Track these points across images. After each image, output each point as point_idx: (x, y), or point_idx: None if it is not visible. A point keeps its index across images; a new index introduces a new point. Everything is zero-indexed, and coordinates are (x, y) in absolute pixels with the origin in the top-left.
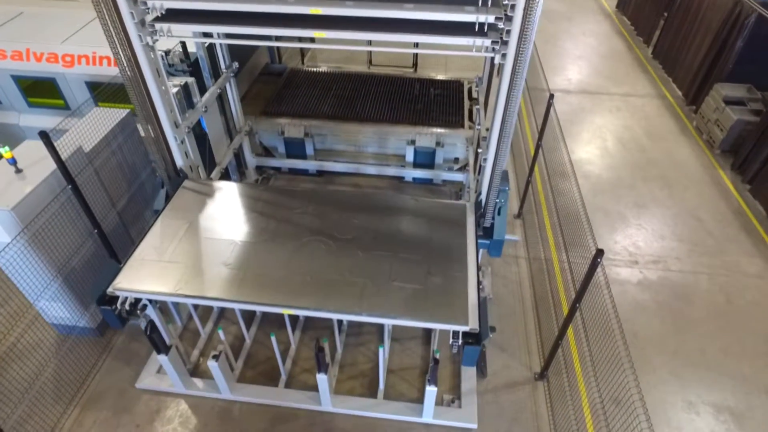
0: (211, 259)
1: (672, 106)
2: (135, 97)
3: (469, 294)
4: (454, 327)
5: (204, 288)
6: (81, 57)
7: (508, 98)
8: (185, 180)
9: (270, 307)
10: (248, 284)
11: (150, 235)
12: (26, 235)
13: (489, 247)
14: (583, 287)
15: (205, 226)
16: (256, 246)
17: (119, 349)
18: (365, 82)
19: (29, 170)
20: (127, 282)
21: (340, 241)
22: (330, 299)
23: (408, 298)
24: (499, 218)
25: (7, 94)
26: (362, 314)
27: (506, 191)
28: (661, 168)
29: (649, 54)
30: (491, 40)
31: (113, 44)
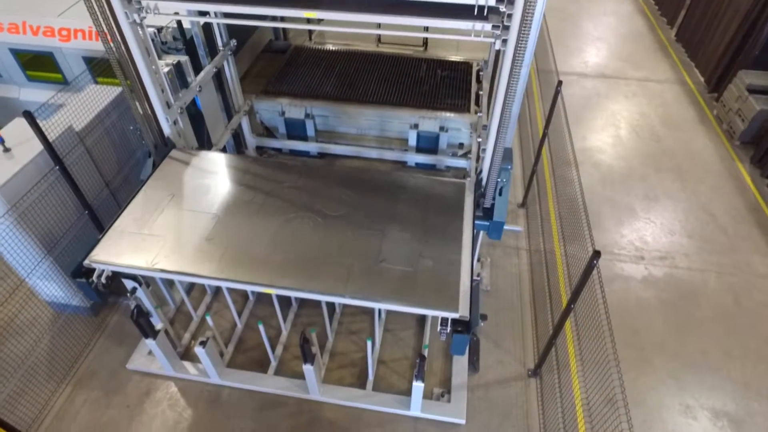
0: (192, 233)
1: (692, 92)
2: (122, 78)
3: (461, 279)
4: (442, 313)
5: (182, 263)
6: (77, 31)
7: (508, 88)
8: (173, 149)
9: (249, 285)
10: (228, 261)
11: (131, 206)
12: (14, 214)
13: (488, 229)
14: (579, 288)
15: (189, 198)
16: (239, 220)
17: (113, 328)
18: (371, 61)
19: (17, 149)
20: (105, 254)
21: (329, 218)
22: (313, 280)
23: (396, 281)
24: (500, 199)
25: (6, 67)
26: (346, 296)
27: (509, 170)
28: (675, 159)
29: (672, 36)
30: (492, 24)
31: (97, 21)
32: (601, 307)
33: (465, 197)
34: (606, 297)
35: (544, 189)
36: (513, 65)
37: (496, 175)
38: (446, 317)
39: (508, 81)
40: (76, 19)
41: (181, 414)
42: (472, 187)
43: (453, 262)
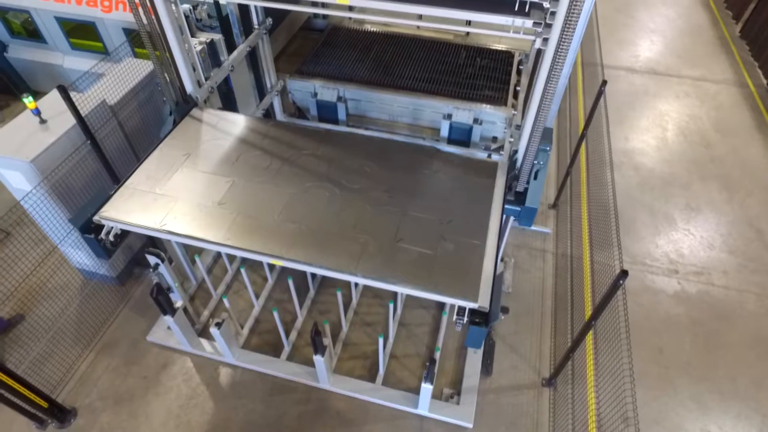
0: (204, 196)
1: (752, 95)
2: (154, 56)
3: (484, 266)
4: (460, 302)
5: (190, 227)
6: (119, 2)
7: (545, 88)
8: (194, 108)
9: (256, 254)
10: (238, 228)
11: (146, 164)
12: (47, 185)
13: (519, 215)
14: (601, 306)
15: (205, 158)
16: (254, 186)
17: (137, 299)
18: (408, 45)
19: (53, 121)
20: (115, 211)
21: (347, 190)
22: (324, 254)
23: (413, 263)
24: (534, 183)
25: (51, 35)
26: (357, 275)
27: (547, 152)
28: (725, 167)
29: (737, 32)
30: (533, 21)
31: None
32: (622, 327)
33: (497, 178)
34: (628, 315)
35: (578, 191)
36: (553, 67)
37: (532, 156)
38: (464, 306)
39: (546, 82)
40: None
41: (195, 390)
42: (505, 168)
43: (476, 247)
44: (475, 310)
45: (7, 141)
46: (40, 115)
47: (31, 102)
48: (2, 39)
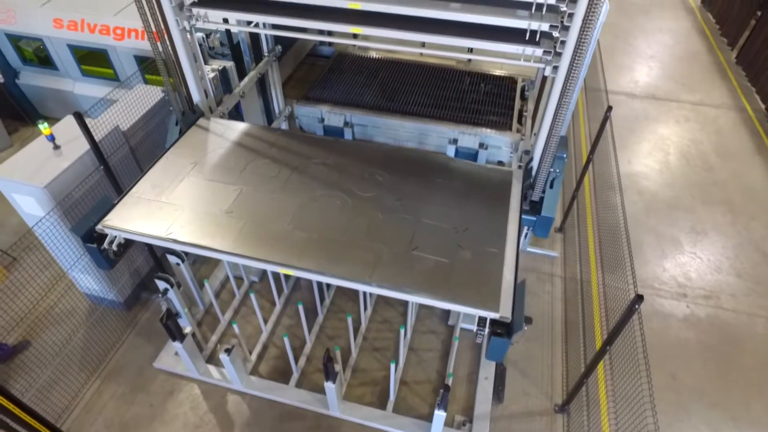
0: (211, 205)
1: (751, 120)
2: (168, 83)
3: (504, 275)
4: (480, 312)
5: (197, 235)
6: (131, 31)
7: (555, 118)
8: (200, 118)
9: (265, 263)
10: (247, 236)
11: (151, 173)
12: (60, 210)
13: (534, 225)
14: (616, 331)
15: (212, 167)
16: (263, 195)
17: (143, 325)
18: (413, 71)
19: (66, 147)
20: (119, 220)
21: (359, 198)
22: (337, 263)
23: (429, 272)
24: (550, 192)
25: (63, 62)
26: (372, 284)
27: (564, 159)
28: (727, 191)
29: (733, 58)
30: (543, 50)
31: (148, 27)
32: (640, 352)
33: (512, 187)
34: (645, 342)
35: (584, 214)
36: (563, 94)
37: (548, 164)
38: (484, 317)
39: (556, 110)
40: (130, 18)
41: (202, 418)
42: (520, 176)
43: (495, 256)
44: (497, 320)
45: (22, 166)
46: (54, 141)
47: (46, 128)
48: (14, 66)
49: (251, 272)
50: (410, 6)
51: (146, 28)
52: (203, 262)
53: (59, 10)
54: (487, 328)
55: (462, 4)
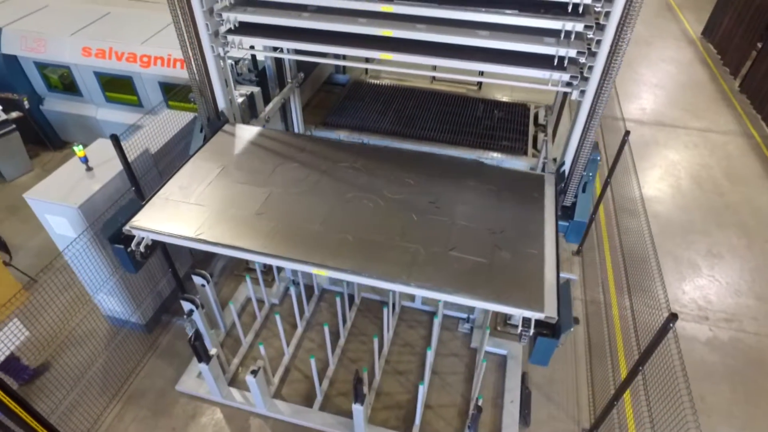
0: (240, 207)
1: (759, 146)
2: (202, 106)
3: (545, 276)
4: (525, 312)
5: (228, 236)
6: (157, 58)
7: (582, 138)
8: (225, 124)
9: (301, 264)
10: (279, 237)
11: (178, 176)
12: (90, 232)
13: (567, 230)
14: (649, 351)
15: (240, 171)
16: (293, 197)
17: (164, 348)
18: (427, 99)
19: (98, 169)
20: (146, 221)
21: (391, 200)
22: (373, 263)
23: (469, 272)
24: (583, 196)
25: (88, 88)
26: (410, 284)
27: (597, 161)
28: (740, 214)
29: (736, 87)
30: (570, 75)
31: (186, 53)
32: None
33: (545, 190)
34: (683, 361)
35: (601, 236)
36: (590, 116)
37: (582, 167)
38: (529, 317)
39: (584, 132)
40: (156, 47)
41: None
42: (552, 180)
43: (534, 257)
44: (542, 321)
45: (55, 188)
46: (87, 163)
47: (81, 150)
48: (39, 92)
49: (272, 295)
50: (444, 34)
51: (184, 54)
52: (224, 286)
53: (88, 39)
54: (532, 329)
55: (490, 31)
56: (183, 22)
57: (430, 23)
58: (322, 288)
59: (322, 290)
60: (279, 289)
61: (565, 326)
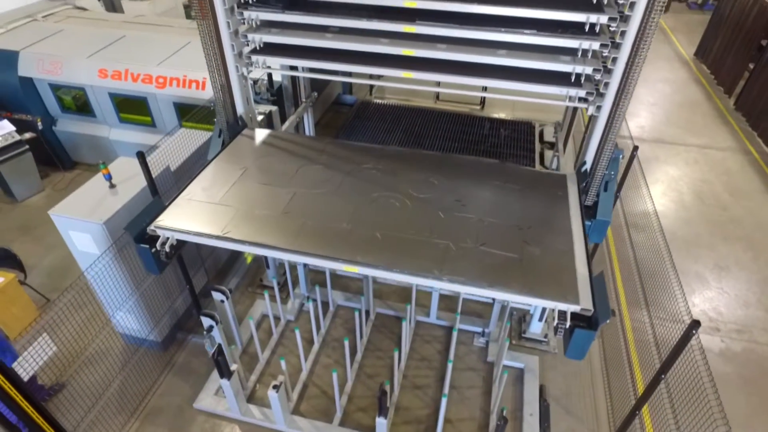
0: (266, 206)
1: (757, 162)
2: (225, 123)
3: (577, 269)
4: (560, 305)
5: (256, 234)
6: (173, 79)
7: (600, 151)
8: (245, 129)
9: (331, 261)
10: (307, 234)
11: (200, 178)
12: (114, 249)
13: (590, 229)
14: (672, 358)
15: (262, 173)
16: (317, 197)
17: (180, 365)
18: (434, 118)
19: (121, 186)
20: (171, 221)
21: (416, 200)
22: (404, 259)
23: (501, 267)
24: (605, 195)
25: (102, 109)
26: (443, 279)
27: (618, 160)
28: (744, 228)
29: (731, 105)
30: (586, 91)
31: (212, 73)
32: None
33: (568, 189)
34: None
35: (609, 250)
36: (607, 129)
37: (604, 166)
38: (564, 310)
39: (601, 144)
40: (172, 68)
41: None
42: (575, 179)
43: (565, 252)
44: (577, 314)
45: (80, 204)
46: (111, 180)
47: (105, 167)
48: (53, 113)
49: (287, 311)
50: (462, 53)
51: (210, 74)
52: (237, 303)
53: (105, 61)
54: (568, 321)
55: (508, 50)
56: (210, 43)
57: (450, 43)
58: (337, 304)
59: (337, 306)
60: (294, 305)
61: (603, 317)
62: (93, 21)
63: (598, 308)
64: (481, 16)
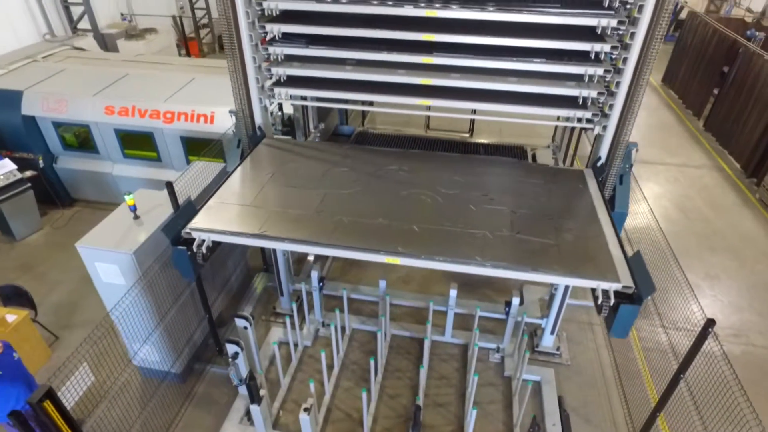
0: (299, 206)
1: (730, 177)
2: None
3: (612, 252)
4: (603, 284)
5: (293, 231)
6: (181, 114)
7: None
8: (264, 138)
9: (374, 253)
10: (345, 230)
11: (228, 184)
12: (141, 282)
13: None
14: (690, 357)
15: (290, 177)
16: (349, 197)
17: (200, 397)
18: (429, 145)
19: (145, 217)
20: (206, 223)
21: (446, 195)
22: (443, 248)
23: (539, 252)
24: (621, 188)
25: (107, 145)
26: (486, 265)
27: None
28: (727, 239)
29: (701, 126)
30: (591, 113)
31: (239, 105)
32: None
33: (588, 181)
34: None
35: None
36: (613, 148)
37: (619, 160)
38: (606, 288)
39: (609, 160)
40: (180, 103)
41: None
42: (591, 174)
43: (597, 237)
44: (619, 292)
45: (107, 235)
46: (135, 212)
47: (131, 199)
48: (53, 151)
49: (303, 337)
50: (476, 81)
51: (236, 104)
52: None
53: (111, 98)
54: (612, 299)
55: (519, 78)
56: (237, 77)
57: (463, 72)
58: (352, 328)
59: (353, 330)
60: (310, 331)
61: (647, 291)
62: (93, 60)
63: (641, 284)
64: (494, 47)
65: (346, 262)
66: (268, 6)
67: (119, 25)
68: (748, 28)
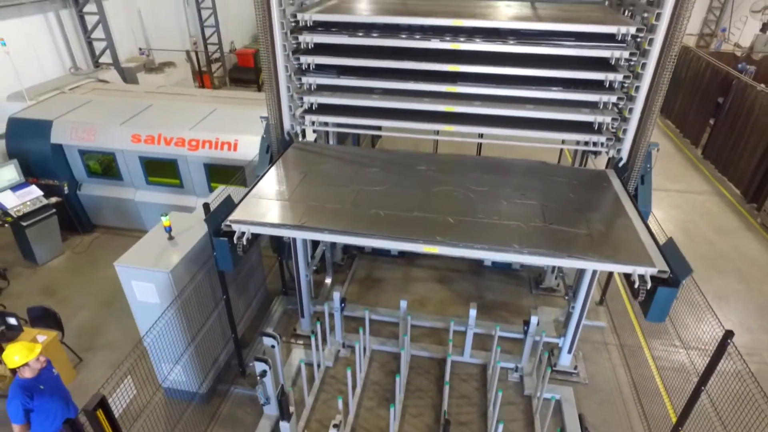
0: (336, 201)
1: (731, 203)
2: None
3: (643, 240)
4: (639, 269)
5: (332, 223)
6: (205, 142)
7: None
8: (292, 143)
9: (413, 242)
10: (382, 222)
11: (263, 183)
12: (176, 302)
13: None
14: (710, 369)
15: (323, 176)
16: (382, 193)
17: (225, 417)
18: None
19: (178, 238)
20: (246, 216)
21: (477, 192)
22: (481, 236)
23: (573, 241)
24: (642, 187)
25: (131, 172)
26: (524, 252)
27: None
28: (733, 262)
29: (699, 154)
30: (606, 138)
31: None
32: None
33: (611, 181)
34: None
35: (617, 287)
36: (629, 172)
37: (641, 160)
38: (642, 273)
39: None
40: (205, 131)
41: None
42: (614, 174)
43: (627, 227)
44: (655, 276)
45: (144, 255)
46: (170, 233)
47: (167, 220)
48: (78, 178)
49: (326, 358)
50: (497, 108)
51: (270, 113)
52: None
53: (137, 127)
54: (649, 283)
55: (535, 105)
56: (271, 107)
57: (484, 100)
58: (372, 349)
59: (372, 351)
60: (331, 351)
61: (683, 274)
62: (118, 92)
63: (676, 267)
64: (514, 77)
65: (363, 285)
66: (302, 18)
67: (138, 59)
68: (739, 62)
